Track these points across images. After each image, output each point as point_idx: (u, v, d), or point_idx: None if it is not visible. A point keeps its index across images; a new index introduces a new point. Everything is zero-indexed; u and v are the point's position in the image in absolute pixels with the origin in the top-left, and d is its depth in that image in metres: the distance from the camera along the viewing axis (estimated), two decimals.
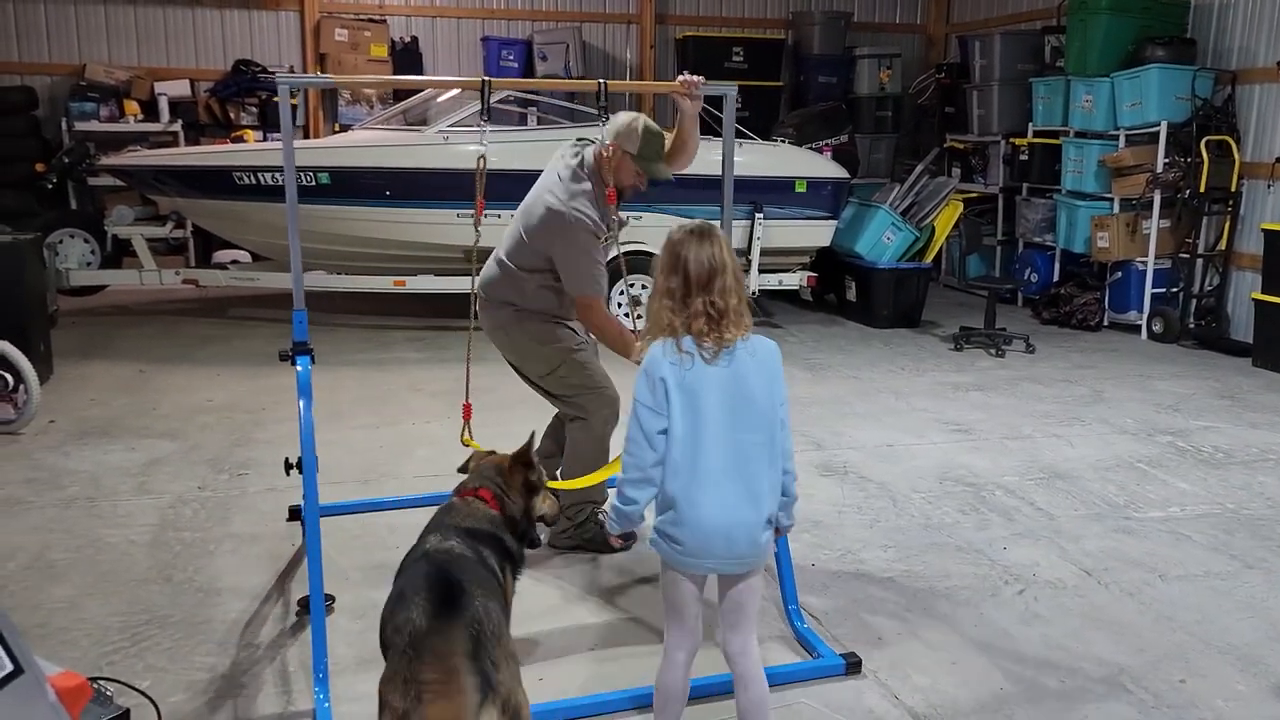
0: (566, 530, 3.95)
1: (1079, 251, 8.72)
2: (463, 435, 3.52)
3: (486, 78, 3.35)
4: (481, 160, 3.30)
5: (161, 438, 5.23)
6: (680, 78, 3.53)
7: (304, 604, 3.39)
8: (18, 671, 1.49)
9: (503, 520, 2.67)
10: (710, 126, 9.69)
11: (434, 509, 4.26)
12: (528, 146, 6.45)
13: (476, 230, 3.45)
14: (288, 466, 3.47)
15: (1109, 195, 8.39)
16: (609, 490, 3.81)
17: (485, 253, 3.81)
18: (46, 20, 9.80)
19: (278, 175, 7.10)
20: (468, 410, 3.56)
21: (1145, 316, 8.21)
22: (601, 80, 3.44)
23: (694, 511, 2.34)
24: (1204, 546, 4.13)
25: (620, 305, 7.65)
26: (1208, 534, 4.25)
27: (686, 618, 2.48)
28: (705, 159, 7.90)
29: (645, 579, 3.72)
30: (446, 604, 2.08)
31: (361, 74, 10.03)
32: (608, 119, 3.54)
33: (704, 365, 2.35)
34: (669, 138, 3.79)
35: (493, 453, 2.91)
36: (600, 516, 3.96)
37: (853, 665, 3.12)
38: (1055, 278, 9.10)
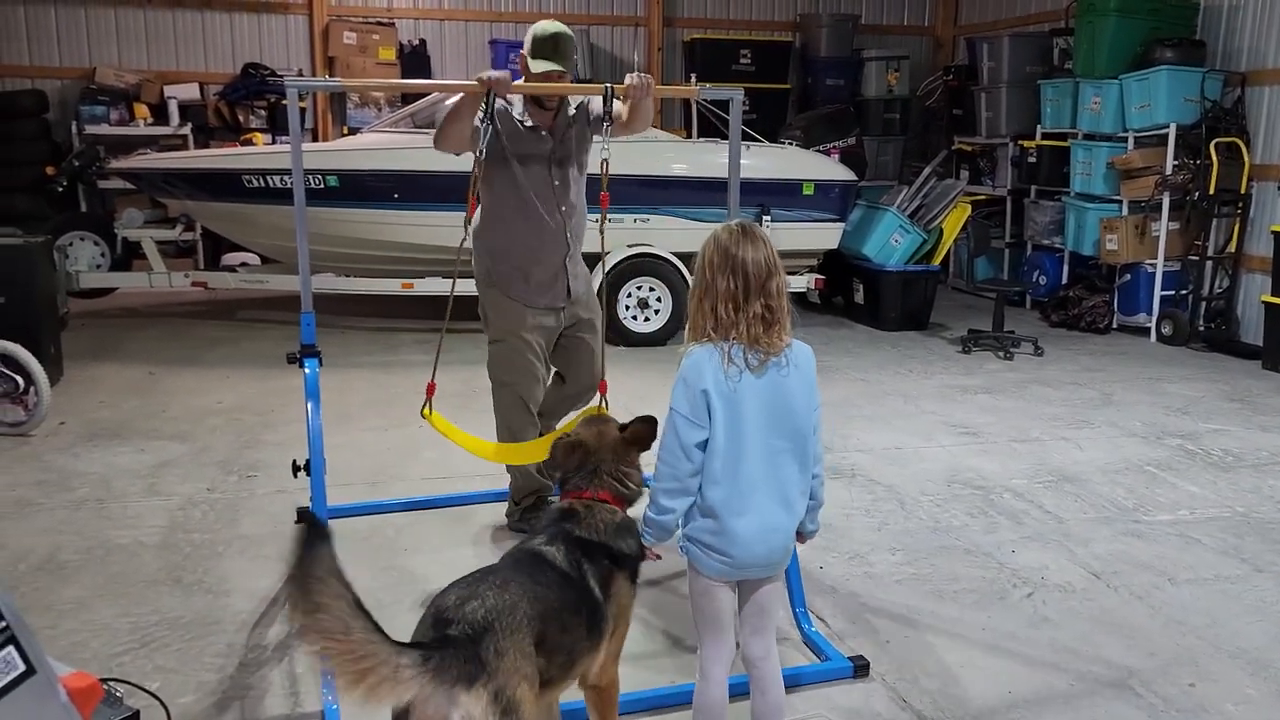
0: (513, 513, 4.16)
1: (1088, 254, 8.70)
2: (423, 410, 3.59)
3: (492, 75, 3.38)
4: (478, 166, 3.34)
5: (171, 440, 5.24)
6: (629, 80, 3.55)
7: None
8: (30, 672, 1.50)
9: (627, 520, 2.47)
10: (718, 129, 9.68)
11: (441, 511, 4.33)
12: None
13: (466, 229, 3.51)
14: (295, 469, 3.48)
15: (1118, 197, 8.37)
16: (546, 481, 3.98)
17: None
18: (57, 24, 9.85)
19: (286, 178, 7.12)
20: (431, 388, 3.62)
21: (1154, 319, 8.18)
22: (608, 85, 3.45)
23: (735, 521, 2.31)
24: (1214, 550, 4.11)
25: (628, 309, 7.67)
26: (1217, 537, 4.24)
27: (724, 628, 2.43)
28: (712, 161, 7.88)
29: (653, 582, 3.72)
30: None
31: (370, 77, 10.07)
32: (610, 121, 3.53)
33: (749, 376, 2.30)
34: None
35: (573, 437, 2.57)
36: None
37: (860, 668, 3.12)
38: (1064, 280, 9.07)
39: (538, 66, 3.67)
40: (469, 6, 10.75)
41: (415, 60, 10.37)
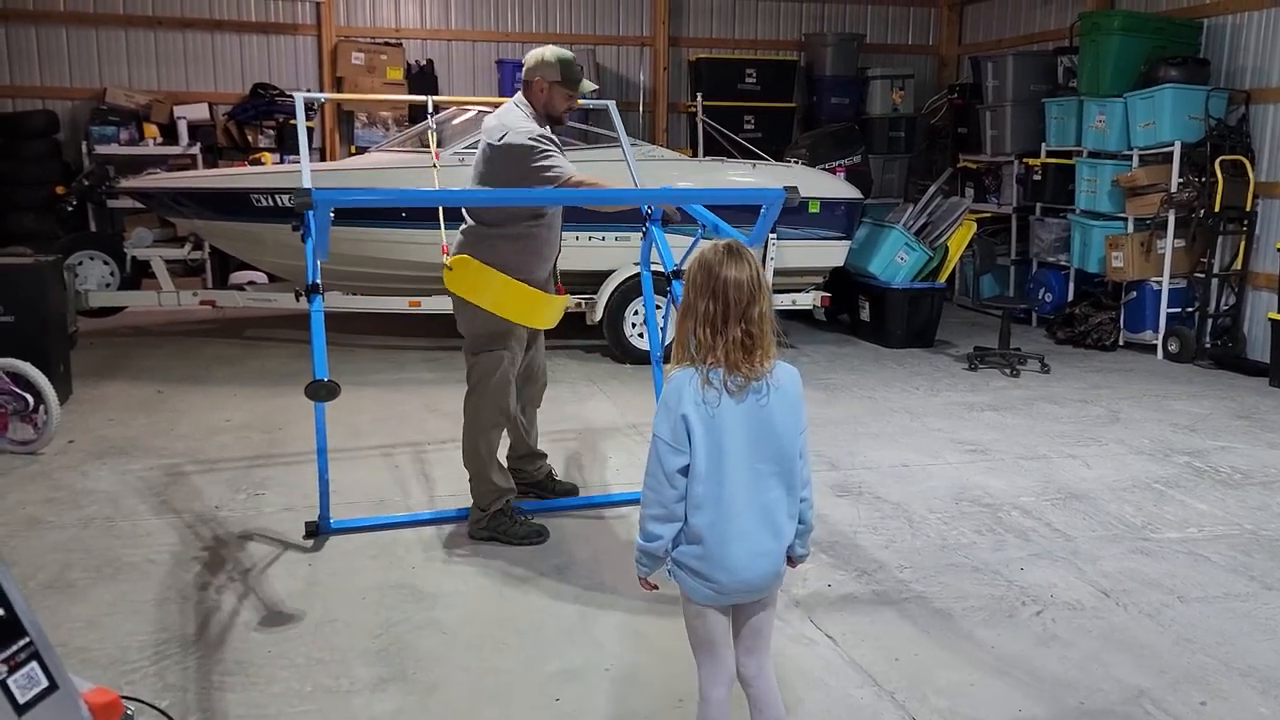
0: (480, 520, 4.22)
1: (1093, 271, 8.71)
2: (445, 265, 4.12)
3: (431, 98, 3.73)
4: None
5: (179, 457, 5.26)
6: None
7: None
8: (53, 688, 1.52)
9: None
10: (724, 148, 9.70)
11: (449, 526, 4.34)
12: None
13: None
14: (296, 295, 3.84)
15: (1123, 215, 8.39)
16: (513, 484, 4.35)
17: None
18: (68, 44, 9.94)
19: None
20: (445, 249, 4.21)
21: (1161, 336, 8.18)
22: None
23: (722, 547, 2.29)
24: (1223, 568, 4.11)
25: (634, 326, 7.69)
26: (1226, 555, 4.23)
27: (719, 650, 2.42)
28: (719, 179, 7.86)
29: (665, 598, 3.71)
30: None
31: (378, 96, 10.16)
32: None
33: (730, 400, 2.27)
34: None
35: None
36: (509, 520, 4.23)
37: None
38: (1070, 297, 9.08)
39: (586, 87, 4.13)
40: (476, 26, 10.83)
41: (423, 80, 10.44)
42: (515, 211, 4.07)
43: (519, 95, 4.16)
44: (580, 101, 4.27)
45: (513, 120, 4.05)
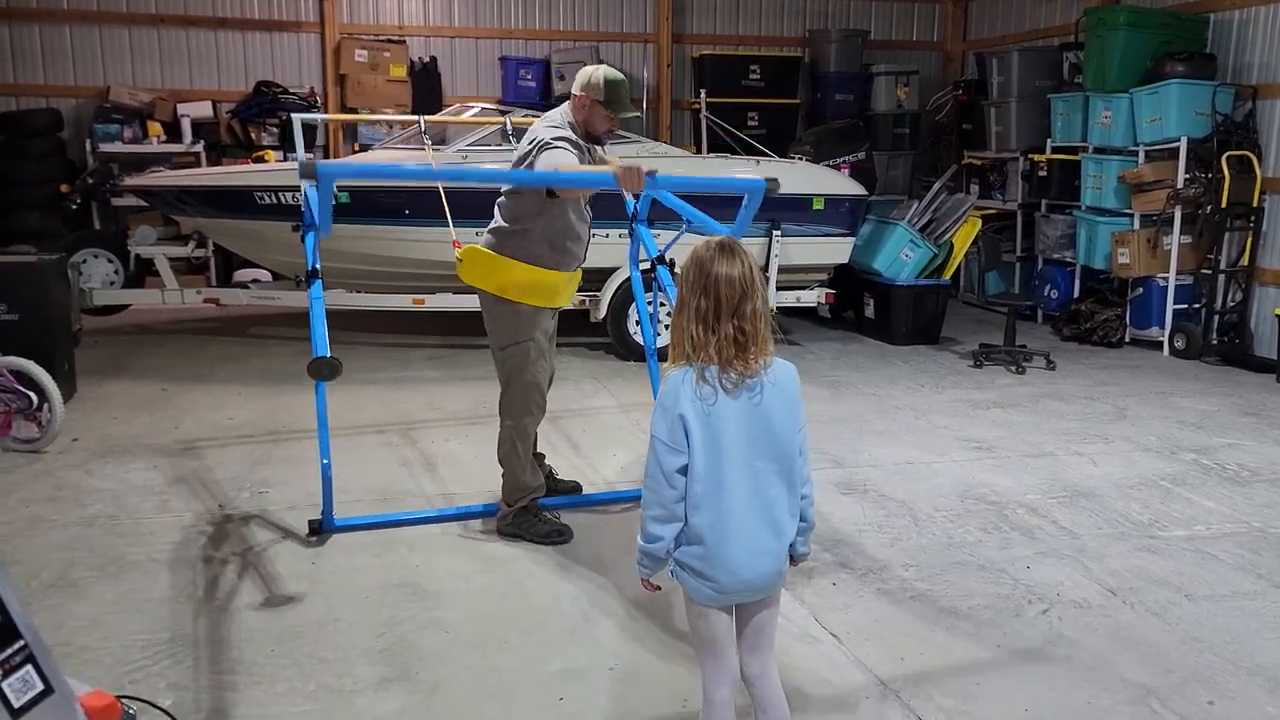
0: (505, 516, 4.26)
1: (1099, 268, 8.68)
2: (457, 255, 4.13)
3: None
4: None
5: (183, 456, 5.25)
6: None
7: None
8: (48, 691, 1.50)
9: None
10: (728, 145, 9.68)
11: (453, 525, 4.33)
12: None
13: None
14: (297, 281, 3.83)
15: (1129, 211, 8.35)
16: (542, 481, 4.33)
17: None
18: (71, 43, 9.95)
19: (298, 195, 7.15)
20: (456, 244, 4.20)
21: (1167, 333, 8.14)
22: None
23: (722, 548, 2.28)
24: (1230, 565, 4.08)
25: (638, 323, 7.66)
26: (1234, 553, 4.20)
27: (722, 651, 2.40)
28: (723, 176, 7.81)
29: (668, 597, 3.70)
30: None
31: (381, 94, 10.17)
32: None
33: (726, 398, 2.25)
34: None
35: None
36: (520, 519, 4.23)
37: None
38: (1075, 294, 9.05)
39: (629, 113, 4.13)
40: (480, 24, 10.82)
41: (426, 77, 10.44)
42: (526, 209, 4.07)
43: (565, 104, 4.15)
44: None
45: (550, 120, 4.10)
